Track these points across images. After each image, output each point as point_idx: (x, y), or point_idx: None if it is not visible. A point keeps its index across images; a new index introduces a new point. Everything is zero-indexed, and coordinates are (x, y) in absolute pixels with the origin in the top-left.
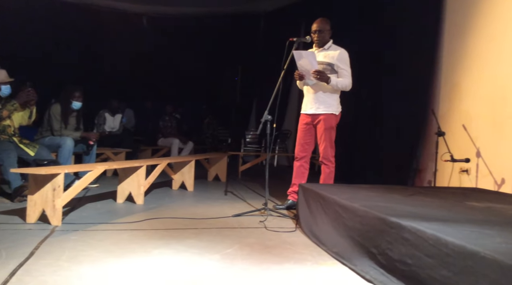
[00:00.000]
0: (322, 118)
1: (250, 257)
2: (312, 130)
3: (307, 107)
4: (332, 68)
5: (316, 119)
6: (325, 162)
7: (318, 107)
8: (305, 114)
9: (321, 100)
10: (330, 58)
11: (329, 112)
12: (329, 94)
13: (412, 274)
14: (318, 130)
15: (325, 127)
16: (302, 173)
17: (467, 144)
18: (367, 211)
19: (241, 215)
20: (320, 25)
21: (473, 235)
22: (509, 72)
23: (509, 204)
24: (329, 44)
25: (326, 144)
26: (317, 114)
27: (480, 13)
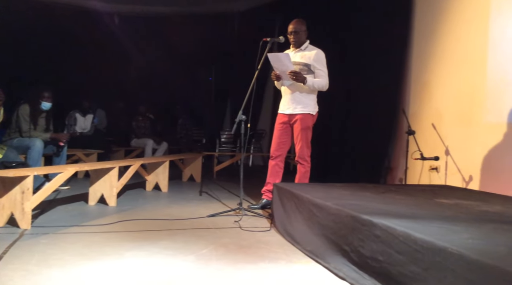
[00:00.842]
0: (298, 118)
1: (225, 257)
2: (288, 129)
3: (284, 107)
4: (308, 68)
5: (293, 118)
6: (301, 162)
7: (295, 107)
8: (282, 113)
9: (298, 100)
10: (306, 59)
11: (306, 112)
12: (306, 95)
13: (383, 271)
14: (294, 129)
15: (301, 127)
16: (277, 172)
17: (437, 142)
18: (340, 210)
19: (216, 215)
20: (296, 26)
21: (442, 231)
22: (476, 71)
23: (476, 200)
24: (306, 44)
25: (302, 143)
26: (294, 114)
27: (447, 15)
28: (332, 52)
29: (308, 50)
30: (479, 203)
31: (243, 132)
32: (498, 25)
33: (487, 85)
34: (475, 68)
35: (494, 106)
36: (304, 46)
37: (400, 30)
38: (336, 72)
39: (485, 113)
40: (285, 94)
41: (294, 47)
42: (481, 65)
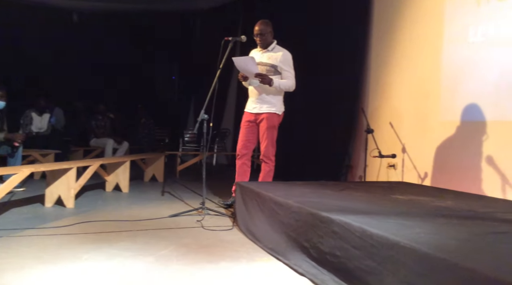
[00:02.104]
0: (265, 117)
1: (186, 257)
2: (254, 128)
3: (251, 106)
4: (275, 69)
5: (259, 117)
6: (266, 160)
7: (262, 106)
8: (248, 112)
9: (265, 100)
10: (273, 60)
11: (272, 111)
12: (273, 95)
13: (341, 266)
14: (260, 128)
15: (267, 125)
16: (245, 171)
17: (394, 140)
18: (301, 207)
19: (178, 215)
20: (261, 28)
21: (396, 226)
22: (431, 70)
23: (430, 196)
24: (273, 45)
25: (267, 142)
26: (260, 113)
27: (404, 16)
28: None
29: (275, 51)
30: (432, 199)
31: (205, 131)
32: (451, 27)
33: (442, 85)
34: (430, 68)
35: (448, 105)
36: (271, 47)
37: (359, 31)
38: (297, 72)
39: (440, 111)
40: (252, 93)
41: (261, 48)
42: (436, 65)
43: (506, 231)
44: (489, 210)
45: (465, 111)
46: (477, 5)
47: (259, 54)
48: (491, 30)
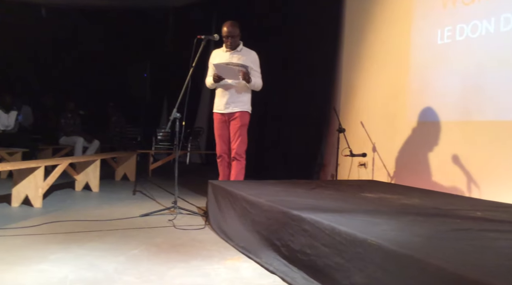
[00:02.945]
0: (237, 115)
1: (157, 256)
2: (228, 127)
3: (221, 106)
4: (247, 69)
5: (232, 116)
6: (238, 158)
7: (235, 105)
8: (220, 113)
9: (236, 99)
10: (243, 61)
11: (244, 110)
12: (243, 93)
13: (311, 263)
14: (233, 126)
15: (241, 123)
16: (229, 169)
17: (365, 139)
18: (272, 206)
19: (150, 215)
20: (231, 31)
21: (364, 224)
22: (399, 72)
23: (398, 194)
24: (241, 46)
25: (241, 140)
26: (233, 112)
27: (374, 19)
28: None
29: (243, 51)
30: (400, 197)
31: (178, 130)
32: (419, 29)
33: (410, 86)
34: (399, 70)
35: (415, 105)
36: (240, 48)
37: (331, 33)
38: (271, 72)
39: (408, 112)
40: (222, 94)
41: (229, 49)
42: (404, 67)
43: (468, 228)
44: (453, 207)
45: (431, 112)
46: (444, 8)
47: (227, 55)
48: (457, 32)
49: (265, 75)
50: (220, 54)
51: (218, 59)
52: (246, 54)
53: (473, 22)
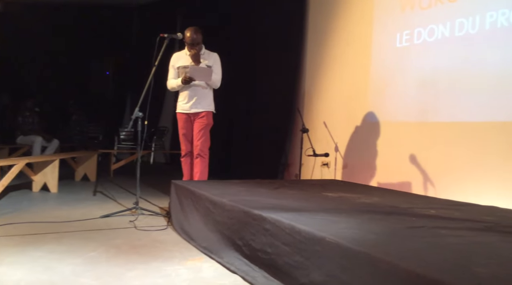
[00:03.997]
0: (203, 115)
1: (116, 258)
2: (192, 126)
3: (187, 106)
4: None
5: (197, 116)
6: (202, 155)
7: (201, 106)
8: (185, 113)
9: (202, 100)
10: (208, 62)
11: (209, 110)
12: (207, 93)
13: (271, 262)
14: (197, 125)
15: (207, 123)
16: (191, 168)
17: (328, 139)
18: (234, 206)
19: (110, 216)
20: (195, 38)
21: (323, 222)
22: (360, 73)
23: (358, 193)
24: (203, 50)
25: (205, 138)
26: (198, 112)
27: (336, 21)
28: (230, 52)
29: (207, 53)
30: (360, 196)
31: (140, 130)
32: (379, 32)
33: (370, 87)
34: (360, 71)
35: (376, 106)
36: (202, 51)
37: (294, 34)
38: (236, 73)
39: (369, 112)
40: (187, 94)
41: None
42: (365, 68)
43: (422, 225)
44: (409, 206)
45: (391, 112)
46: (402, 12)
47: (189, 57)
48: (415, 36)
49: (230, 75)
50: (183, 57)
51: (181, 62)
52: (209, 57)
53: (430, 26)
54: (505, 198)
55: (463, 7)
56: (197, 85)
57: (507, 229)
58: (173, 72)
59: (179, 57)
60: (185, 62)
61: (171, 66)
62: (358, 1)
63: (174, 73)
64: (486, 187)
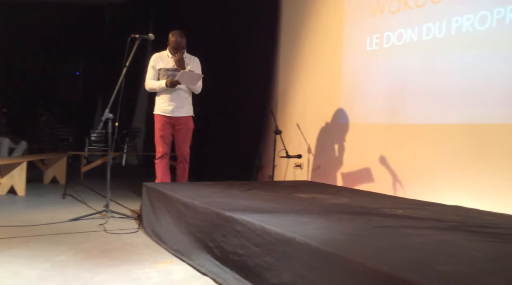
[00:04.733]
0: (186, 120)
1: (84, 262)
2: (172, 130)
3: (169, 109)
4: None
5: (180, 120)
6: (186, 159)
7: (184, 110)
8: (167, 116)
9: (185, 104)
10: (190, 66)
11: (190, 114)
12: (188, 97)
13: (243, 264)
14: (181, 129)
15: (189, 127)
16: (168, 170)
17: (300, 141)
18: (206, 208)
19: (79, 219)
20: (181, 43)
21: (293, 223)
22: (332, 76)
23: (330, 194)
24: (185, 53)
25: (188, 143)
26: (181, 117)
27: (308, 24)
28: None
29: (188, 57)
30: (331, 197)
31: (110, 131)
32: (350, 36)
33: (342, 89)
34: (332, 73)
35: (347, 108)
36: (184, 55)
37: (268, 36)
38: (211, 75)
39: (340, 114)
40: (170, 98)
41: (172, 54)
42: (337, 71)
43: (389, 225)
44: (378, 206)
45: (362, 114)
46: (373, 16)
47: (172, 60)
48: (384, 40)
49: (205, 77)
50: (165, 58)
51: (164, 64)
52: (191, 61)
53: (398, 30)
54: (469, 198)
55: (430, 12)
56: (181, 89)
57: (470, 228)
58: (153, 72)
59: (161, 58)
60: (168, 65)
61: (152, 66)
62: (330, 4)
63: (155, 74)
64: (452, 187)
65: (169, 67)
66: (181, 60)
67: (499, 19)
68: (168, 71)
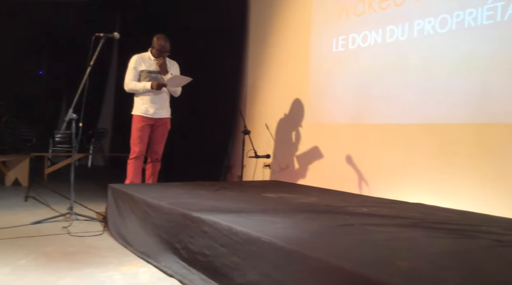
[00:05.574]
0: (166, 121)
1: (47, 266)
2: (150, 131)
3: (151, 111)
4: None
5: (160, 122)
6: (159, 160)
7: (165, 112)
8: (147, 116)
9: (165, 106)
10: (171, 71)
11: (169, 115)
12: (168, 100)
13: (209, 264)
14: (160, 131)
15: (168, 128)
16: (140, 171)
17: (269, 141)
18: (173, 208)
19: (42, 222)
20: (165, 46)
21: (260, 223)
22: (300, 76)
23: (298, 193)
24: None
25: (163, 143)
26: (161, 118)
27: (276, 24)
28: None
29: (168, 61)
30: (299, 196)
31: (74, 132)
32: (316, 37)
33: (309, 90)
34: (300, 74)
35: (315, 108)
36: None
37: (236, 37)
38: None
39: (308, 114)
40: (152, 99)
41: (155, 58)
42: (304, 71)
43: (353, 223)
44: (344, 204)
45: (329, 114)
46: (338, 18)
47: (154, 62)
48: (349, 41)
49: None
50: (147, 61)
51: (146, 66)
52: (171, 65)
53: (363, 32)
54: (432, 196)
55: (394, 15)
56: (162, 91)
57: (431, 224)
58: (135, 74)
59: (143, 60)
60: (150, 67)
61: (133, 67)
62: (298, 5)
63: (136, 75)
64: (415, 185)
65: (151, 69)
66: (164, 64)
67: (458, 22)
68: (151, 74)
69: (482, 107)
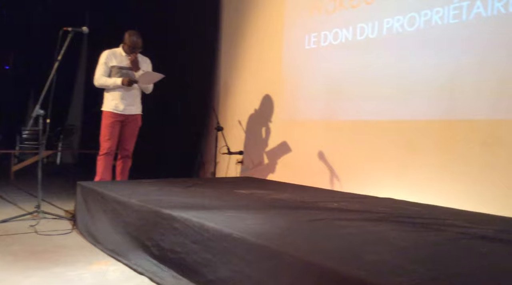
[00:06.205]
0: (137, 117)
1: (12, 266)
2: (120, 127)
3: (121, 107)
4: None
5: (131, 118)
6: (130, 156)
7: (135, 108)
8: (118, 112)
9: (136, 102)
10: (143, 67)
11: (140, 112)
12: (138, 95)
13: (181, 261)
14: (130, 127)
15: (138, 124)
16: (110, 168)
17: (242, 137)
18: (143, 206)
19: (8, 221)
20: (137, 42)
21: (231, 219)
22: (273, 73)
23: (270, 190)
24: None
25: (134, 140)
26: (132, 114)
27: (249, 21)
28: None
29: (140, 58)
30: (271, 192)
31: (41, 128)
32: (290, 34)
33: (283, 87)
34: (273, 71)
35: (288, 105)
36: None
37: (209, 33)
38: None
39: (281, 111)
40: (123, 96)
41: (127, 54)
42: (277, 68)
43: (323, 218)
44: (315, 200)
45: (301, 111)
46: (310, 15)
47: (125, 58)
48: (321, 39)
49: None
50: (118, 56)
51: (117, 62)
52: (143, 61)
53: (334, 30)
54: (400, 190)
55: (364, 13)
56: (133, 88)
57: (398, 218)
58: (105, 69)
59: (114, 56)
60: (121, 63)
61: (104, 63)
62: (271, 3)
63: (106, 70)
64: (384, 181)
65: (122, 65)
66: (136, 61)
67: (426, 21)
68: (122, 70)
69: (448, 104)
